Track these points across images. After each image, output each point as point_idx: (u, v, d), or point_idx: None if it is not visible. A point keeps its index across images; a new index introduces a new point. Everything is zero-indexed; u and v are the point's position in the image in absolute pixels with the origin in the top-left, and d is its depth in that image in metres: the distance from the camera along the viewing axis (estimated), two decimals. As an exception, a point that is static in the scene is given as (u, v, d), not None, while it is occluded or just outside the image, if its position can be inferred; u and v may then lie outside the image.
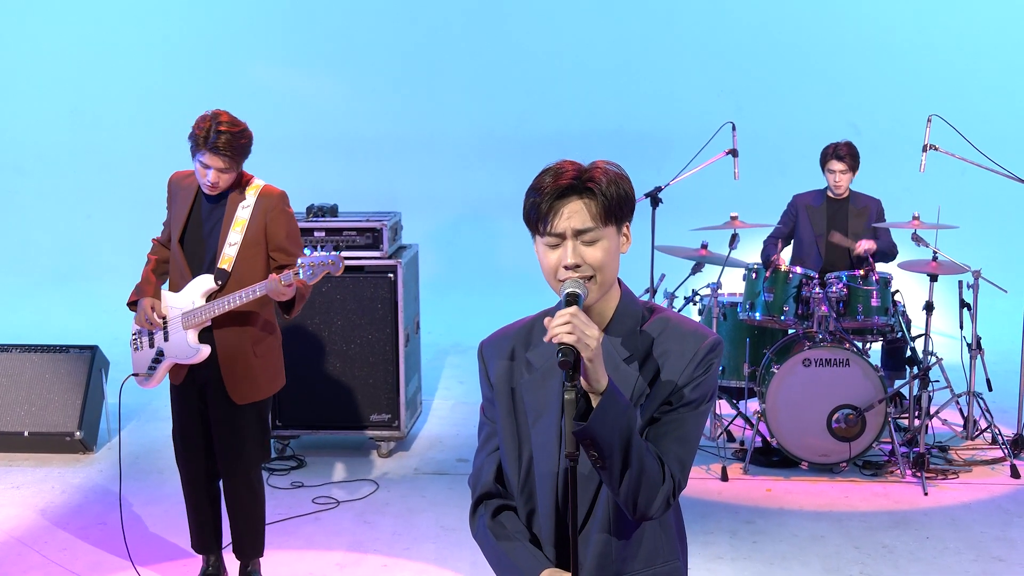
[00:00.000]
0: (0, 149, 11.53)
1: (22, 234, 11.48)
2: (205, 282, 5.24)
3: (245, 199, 5.25)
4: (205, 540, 5.59)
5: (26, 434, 7.39)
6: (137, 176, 11.03)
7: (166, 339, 5.31)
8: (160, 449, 7.42)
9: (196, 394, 5.37)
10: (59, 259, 11.39)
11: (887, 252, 7.78)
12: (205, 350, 5.25)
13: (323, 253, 5.12)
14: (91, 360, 7.56)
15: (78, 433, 7.36)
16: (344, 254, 7.02)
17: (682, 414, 2.75)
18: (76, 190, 11.47)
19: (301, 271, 5.08)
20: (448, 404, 8.60)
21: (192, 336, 5.25)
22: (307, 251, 5.21)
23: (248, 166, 5.31)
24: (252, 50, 11.50)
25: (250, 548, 5.56)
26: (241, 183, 5.28)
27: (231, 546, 5.60)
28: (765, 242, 7.92)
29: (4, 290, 11.16)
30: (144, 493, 6.85)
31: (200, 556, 5.66)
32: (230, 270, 5.21)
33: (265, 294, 5.13)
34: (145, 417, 7.98)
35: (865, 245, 7.55)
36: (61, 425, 7.39)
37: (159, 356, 5.35)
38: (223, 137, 5.03)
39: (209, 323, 5.25)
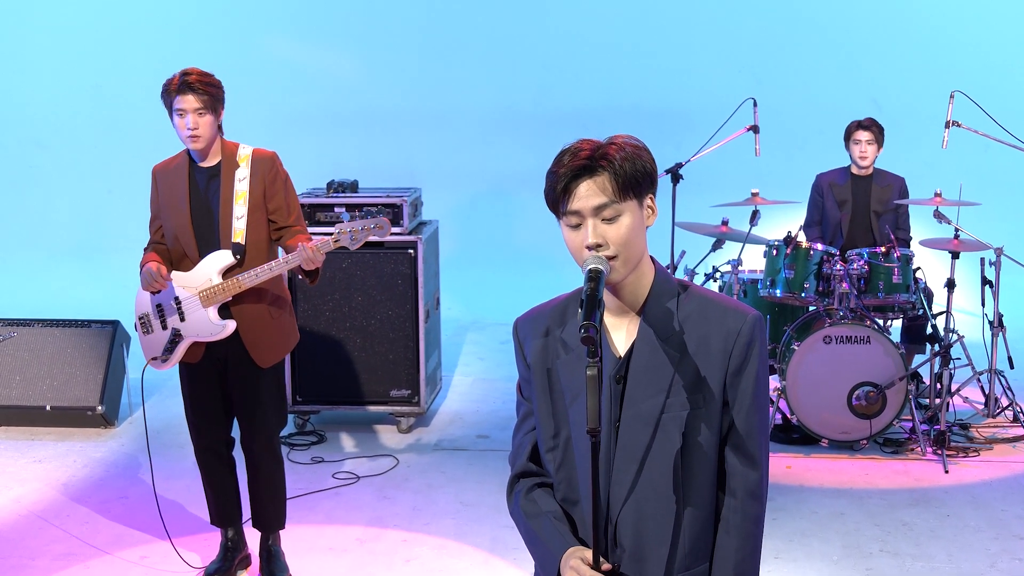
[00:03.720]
0: (22, 124, 11.56)
1: (43, 209, 11.52)
2: (221, 258, 5.21)
3: (239, 167, 5.25)
4: (225, 512, 5.60)
5: (48, 408, 7.43)
6: (157, 151, 10.94)
7: (182, 319, 5.26)
8: (179, 424, 7.43)
9: (213, 369, 5.38)
10: (80, 234, 11.43)
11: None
12: (231, 325, 5.23)
13: (362, 220, 5.18)
14: (112, 335, 7.59)
15: (100, 407, 7.40)
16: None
17: (745, 417, 2.75)
18: (97, 165, 11.51)
19: (342, 238, 5.16)
20: (468, 380, 8.61)
21: (214, 313, 5.24)
22: (344, 217, 5.17)
23: (269, 141, 5.30)
24: (271, 25, 11.49)
25: (274, 519, 5.56)
26: (228, 151, 5.26)
27: (251, 521, 5.61)
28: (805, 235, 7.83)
29: (26, 265, 11.21)
30: (164, 468, 6.88)
31: (219, 530, 5.68)
32: (244, 243, 5.22)
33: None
34: (166, 392, 8.01)
35: None
36: (83, 399, 7.43)
37: (176, 337, 5.31)
38: (193, 76, 5.09)
39: (230, 297, 5.25)
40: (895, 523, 6.12)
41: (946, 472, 6.74)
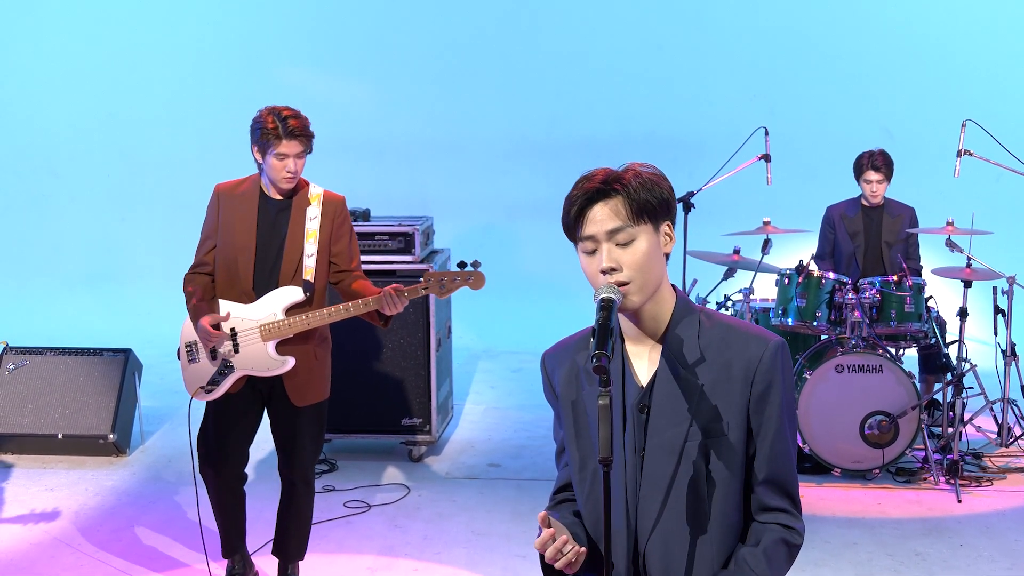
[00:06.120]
0: (35, 152, 11.62)
1: (56, 237, 11.56)
2: (290, 294, 5.16)
3: (311, 206, 5.24)
4: (233, 542, 5.61)
5: (60, 437, 7.44)
6: (171, 179, 11.09)
7: (236, 351, 5.20)
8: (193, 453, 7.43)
9: (250, 401, 5.35)
10: (93, 262, 11.46)
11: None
12: (290, 361, 5.19)
13: (457, 270, 5.18)
14: (124, 363, 7.60)
15: (111, 436, 7.40)
16: (375, 258, 7.07)
17: (771, 444, 2.75)
18: (110, 193, 11.55)
19: (432, 286, 5.18)
20: (479, 409, 8.60)
21: (272, 348, 5.18)
22: (435, 266, 5.07)
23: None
24: (284, 54, 11.54)
25: (295, 549, 5.57)
26: (300, 188, 5.26)
27: (272, 547, 5.61)
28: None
29: (38, 293, 11.24)
30: (177, 496, 6.88)
31: (225, 559, 5.68)
32: (313, 281, 5.20)
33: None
34: (178, 420, 8.01)
35: None
36: (94, 428, 7.44)
37: (225, 368, 5.25)
38: (294, 121, 5.08)
39: (291, 335, 5.18)
40: (908, 553, 6.09)
41: (959, 502, 6.71)
